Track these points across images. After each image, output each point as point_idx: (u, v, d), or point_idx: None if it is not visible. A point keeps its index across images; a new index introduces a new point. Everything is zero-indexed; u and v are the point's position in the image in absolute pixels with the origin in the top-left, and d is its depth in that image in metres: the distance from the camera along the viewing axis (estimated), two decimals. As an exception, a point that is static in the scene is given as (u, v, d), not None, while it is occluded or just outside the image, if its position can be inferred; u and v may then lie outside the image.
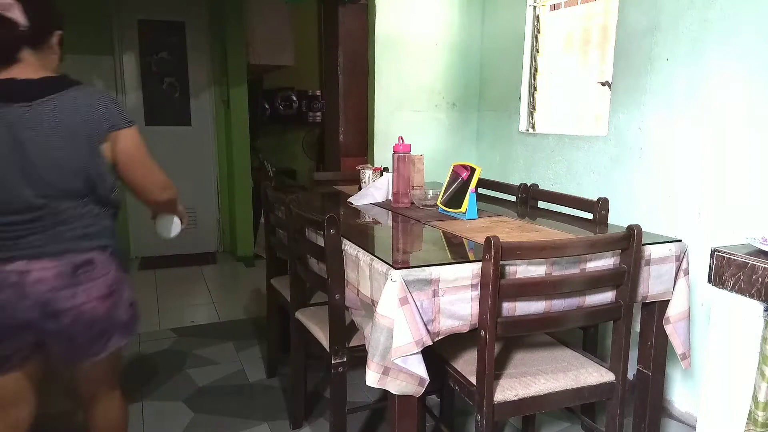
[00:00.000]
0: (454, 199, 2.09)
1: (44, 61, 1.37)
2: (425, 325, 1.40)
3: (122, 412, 1.68)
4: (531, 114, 3.17)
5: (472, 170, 2.04)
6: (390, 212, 2.26)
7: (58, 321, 1.37)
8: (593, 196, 2.07)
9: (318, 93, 5.52)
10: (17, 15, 1.22)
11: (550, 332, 1.83)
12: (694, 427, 1.85)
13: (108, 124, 1.37)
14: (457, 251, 1.72)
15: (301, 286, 2.17)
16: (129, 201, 4.56)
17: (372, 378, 1.40)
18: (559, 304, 1.54)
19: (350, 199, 2.44)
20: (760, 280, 1.18)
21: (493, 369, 1.43)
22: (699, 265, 2.04)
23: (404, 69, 3.31)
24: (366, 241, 1.84)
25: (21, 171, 1.30)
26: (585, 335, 2.14)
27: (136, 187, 1.50)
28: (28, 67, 1.32)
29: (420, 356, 1.41)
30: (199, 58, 4.59)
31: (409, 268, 1.40)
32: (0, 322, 1.36)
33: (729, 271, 1.24)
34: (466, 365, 1.58)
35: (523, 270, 1.48)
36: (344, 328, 1.79)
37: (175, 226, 1.74)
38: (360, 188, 2.60)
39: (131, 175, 1.46)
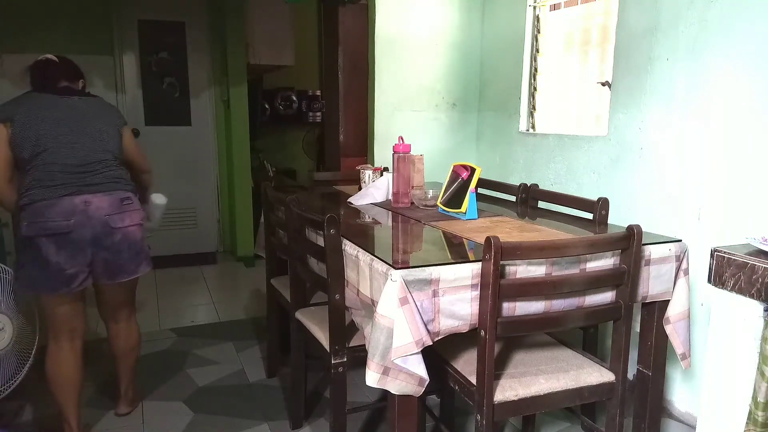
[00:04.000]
0: (454, 199, 2.09)
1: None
2: (425, 325, 1.41)
3: (137, 333, 2.31)
4: (531, 114, 3.17)
5: (472, 170, 2.04)
6: (390, 212, 2.26)
7: (113, 236, 2.00)
8: (593, 196, 2.07)
9: (318, 93, 5.52)
10: (59, 62, 2.11)
11: (550, 332, 1.83)
12: (694, 427, 1.85)
13: (122, 120, 2.19)
14: (457, 251, 1.72)
15: (301, 286, 2.17)
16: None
17: (372, 378, 1.40)
18: (559, 304, 1.54)
19: (350, 199, 2.44)
20: (760, 280, 1.18)
21: (493, 369, 1.43)
22: (699, 265, 2.04)
23: (404, 69, 3.31)
24: (366, 241, 1.84)
25: (87, 138, 2.01)
26: (585, 335, 2.14)
27: (135, 161, 2.25)
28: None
29: (420, 356, 1.41)
30: (199, 58, 4.58)
31: (409, 268, 1.40)
32: (75, 238, 1.93)
33: (729, 271, 1.24)
34: (466, 365, 1.58)
35: (523, 270, 1.48)
36: (344, 328, 1.79)
37: (161, 195, 2.46)
38: (360, 188, 2.60)
39: (131, 154, 2.22)
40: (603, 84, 2.68)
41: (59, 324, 2.04)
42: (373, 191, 2.45)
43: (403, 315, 1.36)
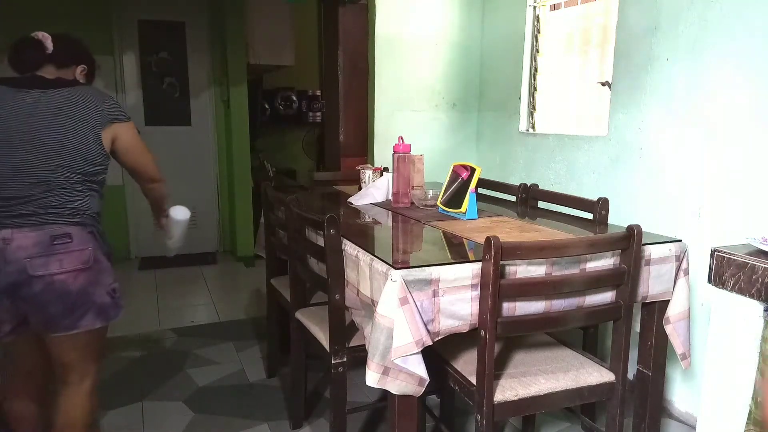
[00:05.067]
0: (454, 199, 2.09)
1: (63, 76, 1.71)
2: (425, 325, 1.40)
3: (85, 406, 1.71)
4: (531, 114, 3.17)
5: (472, 170, 2.04)
6: (390, 212, 2.26)
7: (31, 287, 1.52)
8: (593, 196, 2.07)
9: (318, 93, 5.52)
10: (47, 43, 1.67)
11: (550, 332, 1.83)
12: (694, 427, 1.85)
13: (111, 116, 1.66)
14: (457, 251, 1.72)
15: (301, 286, 2.17)
16: (129, 203, 4.58)
17: (372, 378, 1.40)
18: (559, 304, 1.54)
19: (350, 199, 2.44)
20: (760, 280, 1.18)
21: (493, 369, 1.43)
22: (699, 265, 2.04)
23: (404, 69, 3.31)
24: (366, 241, 1.84)
25: (31, 149, 1.54)
26: (585, 335, 2.14)
27: (138, 168, 1.80)
28: (48, 74, 1.68)
29: (420, 356, 1.41)
30: (199, 58, 4.59)
31: (409, 268, 1.40)
32: None
33: (729, 271, 1.24)
34: (466, 365, 1.58)
35: (523, 270, 1.48)
36: (344, 328, 1.79)
37: (183, 209, 2.03)
38: (360, 188, 2.60)
39: (132, 159, 1.76)
40: (603, 84, 2.68)
41: (15, 360, 1.71)
42: (373, 191, 2.45)
43: (403, 315, 1.36)
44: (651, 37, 2.32)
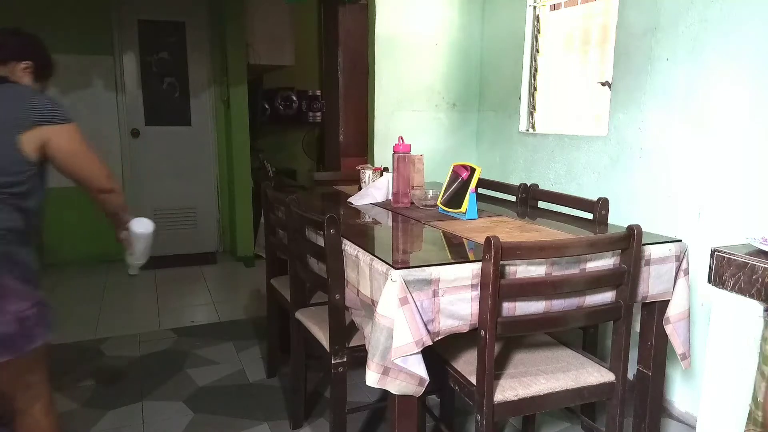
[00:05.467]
0: (454, 199, 2.09)
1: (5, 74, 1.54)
2: (425, 325, 1.41)
3: (42, 428, 1.59)
4: (531, 114, 3.17)
5: (472, 170, 2.04)
6: (390, 212, 2.26)
7: None
8: (593, 196, 2.07)
9: (318, 93, 5.52)
10: None
11: (550, 332, 1.83)
12: (694, 427, 1.85)
13: (37, 117, 1.45)
14: (457, 251, 1.72)
15: (301, 286, 2.17)
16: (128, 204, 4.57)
17: (372, 378, 1.40)
18: (559, 304, 1.54)
19: (350, 199, 2.44)
20: (760, 280, 1.18)
21: (493, 369, 1.43)
22: (699, 265, 2.04)
23: (404, 69, 3.31)
24: (366, 241, 1.84)
25: None
26: (585, 335, 2.14)
27: (80, 177, 1.58)
28: None
29: (420, 356, 1.41)
30: (199, 58, 4.59)
31: (409, 268, 1.40)
32: None
33: (729, 271, 1.24)
34: (466, 365, 1.58)
35: (523, 270, 1.48)
36: (344, 328, 1.79)
37: (146, 221, 1.82)
38: (360, 188, 2.60)
39: (71, 167, 1.54)
40: (603, 84, 2.68)
41: None
42: (373, 191, 2.45)
43: (403, 315, 1.36)
44: (651, 37, 2.32)
